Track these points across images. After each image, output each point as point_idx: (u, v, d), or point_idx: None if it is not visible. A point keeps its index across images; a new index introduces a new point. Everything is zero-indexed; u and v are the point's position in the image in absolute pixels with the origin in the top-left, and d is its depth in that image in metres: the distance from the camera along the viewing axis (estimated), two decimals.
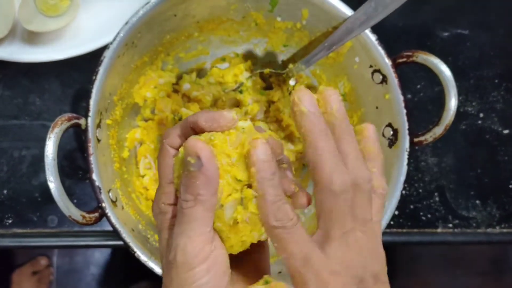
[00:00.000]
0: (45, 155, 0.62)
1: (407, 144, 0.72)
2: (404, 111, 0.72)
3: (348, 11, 0.73)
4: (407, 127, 0.72)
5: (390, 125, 0.74)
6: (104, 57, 0.68)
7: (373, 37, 0.73)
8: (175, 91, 0.84)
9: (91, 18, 0.87)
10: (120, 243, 0.68)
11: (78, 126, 0.66)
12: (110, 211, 0.66)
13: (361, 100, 0.80)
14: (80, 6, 0.85)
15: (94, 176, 0.66)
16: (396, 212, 0.91)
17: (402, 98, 0.72)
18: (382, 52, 0.73)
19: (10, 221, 0.86)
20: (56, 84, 0.90)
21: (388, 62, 0.73)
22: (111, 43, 0.68)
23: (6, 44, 0.84)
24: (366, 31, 0.72)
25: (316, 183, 0.47)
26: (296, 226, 0.45)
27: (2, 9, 0.81)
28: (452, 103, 0.71)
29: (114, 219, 0.66)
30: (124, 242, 0.67)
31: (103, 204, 0.66)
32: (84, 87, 0.90)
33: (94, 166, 0.66)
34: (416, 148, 0.92)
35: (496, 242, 0.94)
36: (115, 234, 0.67)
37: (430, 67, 0.72)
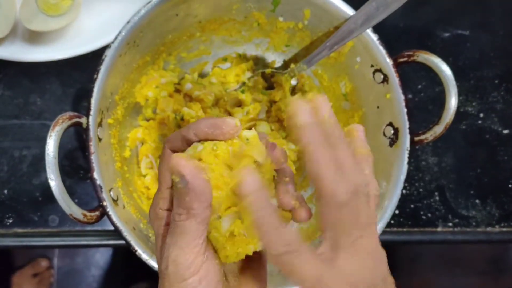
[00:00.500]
0: (46, 153, 0.62)
1: (407, 143, 0.72)
2: (405, 110, 0.72)
3: (349, 11, 0.73)
4: (407, 126, 0.72)
5: (391, 124, 0.74)
6: (105, 56, 0.68)
7: (374, 36, 0.73)
8: (177, 91, 0.84)
9: (93, 18, 0.87)
10: (121, 242, 0.68)
11: (79, 125, 0.66)
12: (111, 210, 0.66)
13: (362, 100, 0.80)
14: (81, 6, 0.85)
15: (95, 174, 0.66)
16: (397, 211, 0.91)
17: (403, 98, 0.72)
18: (383, 51, 0.73)
19: (11, 220, 0.86)
20: (56, 84, 0.90)
21: (389, 61, 0.73)
22: (112, 42, 0.68)
23: (7, 43, 0.84)
24: (368, 31, 0.72)
25: (319, 196, 0.46)
26: (302, 247, 0.44)
27: (3, 8, 0.81)
28: (453, 102, 0.72)
29: (115, 218, 0.66)
30: (125, 241, 0.67)
31: (104, 203, 0.66)
32: (85, 87, 0.90)
33: (95, 165, 0.66)
34: (417, 147, 0.93)
35: (495, 241, 0.94)
36: (116, 233, 0.66)
37: (430, 66, 0.72)
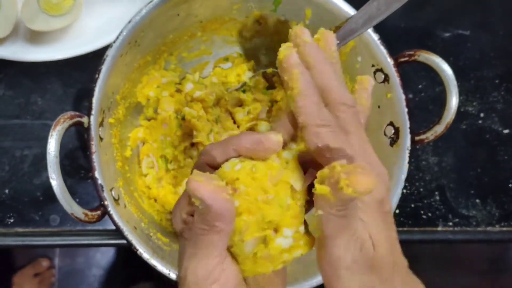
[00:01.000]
0: (47, 153, 0.62)
1: (408, 143, 0.72)
2: (406, 110, 0.72)
3: (351, 11, 0.73)
4: (408, 126, 0.72)
5: (391, 124, 0.74)
6: (107, 55, 0.68)
7: (375, 36, 0.73)
8: (178, 91, 0.84)
9: (94, 18, 0.87)
10: (122, 241, 0.68)
11: (81, 124, 0.66)
12: (112, 209, 0.66)
13: None
14: (83, 6, 0.85)
15: (97, 174, 0.66)
16: (397, 211, 0.92)
17: (403, 97, 0.72)
18: (384, 51, 0.73)
19: (12, 220, 0.86)
20: (57, 84, 0.90)
21: (390, 61, 0.73)
22: (114, 41, 0.68)
23: (8, 43, 0.84)
24: (369, 30, 0.72)
25: (302, 125, 0.47)
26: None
27: (5, 8, 0.81)
28: (453, 102, 0.72)
29: (116, 217, 0.66)
30: (126, 240, 0.67)
31: (106, 202, 0.66)
32: (86, 87, 0.90)
33: (96, 164, 0.66)
34: (417, 147, 0.93)
35: (495, 241, 0.94)
36: (117, 232, 0.66)
37: (431, 66, 0.72)
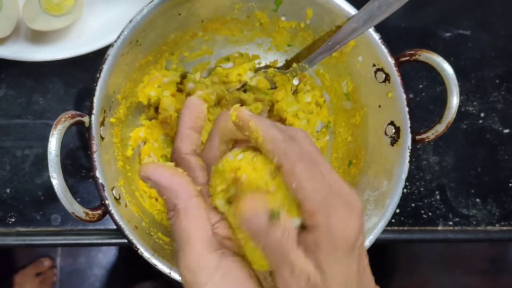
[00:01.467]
0: (48, 152, 0.62)
1: (409, 142, 0.72)
2: (406, 109, 0.72)
3: (352, 10, 0.73)
4: (409, 125, 0.72)
5: (392, 123, 0.75)
6: (108, 55, 0.68)
7: (376, 36, 0.73)
8: (179, 90, 0.85)
9: (95, 18, 0.87)
10: (123, 241, 0.68)
11: (82, 123, 0.66)
12: (113, 209, 0.66)
13: (364, 99, 0.81)
14: (84, 6, 0.85)
15: (98, 173, 0.66)
16: (397, 210, 0.92)
17: (404, 97, 0.73)
18: (385, 51, 0.73)
19: (13, 220, 0.86)
20: (59, 84, 0.90)
21: (391, 60, 0.73)
22: (115, 41, 0.68)
23: (9, 43, 0.84)
24: (370, 30, 0.72)
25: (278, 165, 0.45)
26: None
27: (6, 8, 0.82)
28: (454, 101, 0.72)
29: (117, 216, 0.66)
30: (127, 239, 0.67)
31: (107, 201, 0.66)
32: (87, 87, 0.90)
33: (97, 164, 0.66)
34: (418, 147, 0.93)
35: (495, 240, 0.94)
36: (118, 232, 0.67)
37: (432, 65, 0.72)
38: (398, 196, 0.72)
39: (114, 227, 0.67)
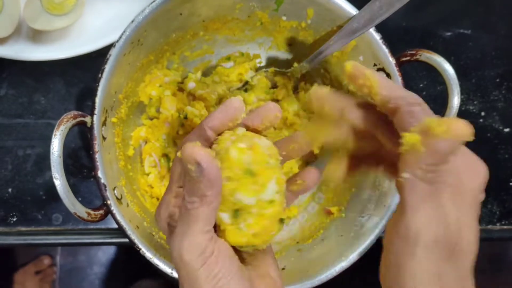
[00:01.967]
0: (50, 152, 0.63)
1: None
2: None
3: (352, 10, 0.73)
4: None
5: None
6: (110, 55, 0.68)
7: (377, 36, 0.73)
8: (180, 90, 0.85)
9: (97, 17, 0.87)
10: (125, 240, 0.68)
11: (84, 124, 0.66)
12: (115, 208, 0.67)
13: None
14: (85, 5, 0.85)
15: (100, 173, 0.66)
16: None
17: None
18: (386, 50, 0.73)
19: (15, 219, 0.86)
20: (60, 83, 0.90)
21: (392, 60, 0.73)
22: (117, 41, 0.68)
23: (11, 42, 0.84)
24: (371, 30, 0.73)
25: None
26: None
27: (7, 7, 0.82)
28: (455, 101, 0.72)
29: (119, 216, 0.66)
30: (129, 239, 0.67)
31: (109, 201, 0.66)
32: (88, 86, 0.90)
33: (99, 164, 0.66)
34: None
35: (496, 239, 0.94)
36: (119, 231, 0.67)
37: (433, 65, 0.72)
38: (398, 196, 0.72)
39: (116, 226, 0.67)
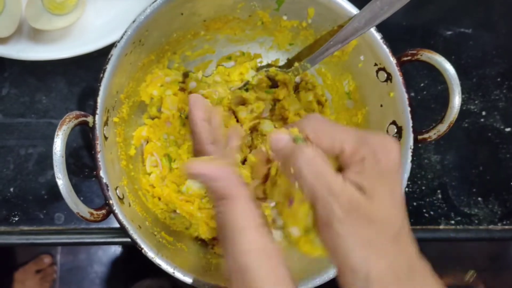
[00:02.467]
0: (53, 152, 0.63)
1: (411, 142, 0.73)
2: (408, 109, 0.73)
3: (353, 10, 0.73)
4: (411, 125, 0.72)
5: (394, 122, 0.75)
6: (111, 55, 0.68)
7: (378, 35, 0.73)
8: (182, 90, 0.85)
9: (98, 17, 0.87)
10: (127, 240, 0.68)
11: (86, 123, 0.67)
12: (117, 208, 0.67)
13: (365, 98, 0.81)
14: (86, 5, 0.86)
15: (102, 173, 0.66)
16: None
17: (406, 96, 0.73)
18: (387, 50, 0.73)
19: (17, 218, 0.86)
20: (62, 83, 0.90)
21: (392, 60, 0.73)
22: (118, 41, 0.69)
23: (12, 42, 0.84)
24: (371, 29, 0.73)
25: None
26: None
27: (9, 7, 0.82)
28: (456, 101, 0.72)
29: (121, 216, 0.67)
30: (131, 239, 0.67)
31: (111, 201, 0.66)
32: (90, 86, 0.90)
33: (101, 164, 0.66)
34: (419, 146, 0.93)
35: (497, 239, 0.94)
36: (121, 231, 0.67)
37: (434, 65, 0.72)
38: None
39: (117, 226, 0.67)
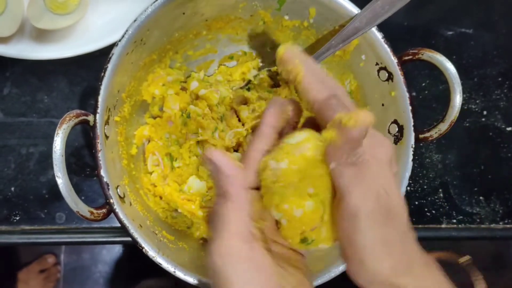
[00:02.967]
0: (53, 151, 0.63)
1: (412, 141, 0.73)
2: (410, 108, 0.73)
3: (354, 10, 0.73)
4: (412, 124, 0.73)
5: (395, 122, 0.75)
6: (112, 54, 0.68)
7: (379, 35, 0.73)
8: (183, 89, 0.85)
9: (100, 16, 0.87)
10: (128, 239, 0.69)
11: (86, 122, 0.67)
12: (118, 207, 0.67)
13: (367, 98, 0.81)
14: (88, 4, 0.86)
15: (102, 172, 0.66)
16: None
17: (407, 95, 0.73)
18: (388, 49, 0.73)
19: (18, 218, 0.86)
20: (64, 82, 0.90)
21: (394, 59, 0.73)
22: (119, 40, 0.69)
23: (14, 41, 0.84)
24: (373, 29, 0.73)
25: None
26: None
27: (11, 6, 0.82)
28: (457, 100, 0.72)
29: (122, 215, 0.67)
30: (132, 238, 0.67)
31: (111, 200, 0.66)
32: (92, 85, 0.90)
33: (102, 163, 0.66)
34: (421, 145, 0.93)
35: (499, 238, 0.95)
36: (123, 230, 0.67)
37: (435, 64, 0.73)
38: (401, 194, 0.73)
39: (119, 225, 0.67)
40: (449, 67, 0.72)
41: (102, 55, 0.78)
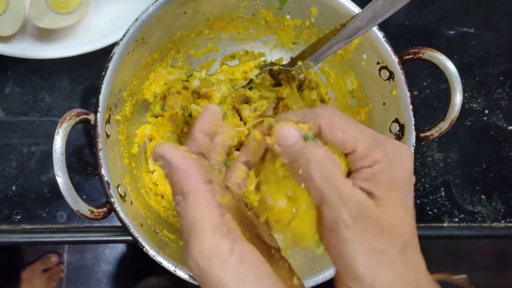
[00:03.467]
0: (53, 150, 0.62)
1: (413, 140, 0.73)
2: (411, 107, 0.73)
3: (356, 9, 0.73)
4: (413, 123, 0.73)
5: (396, 120, 0.75)
6: (114, 53, 0.68)
7: (380, 34, 0.73)
8: (185, 88, 0.85)
9: (102, 16, 0.88)
10: (129, 238, 0.69)
11: (87, 121, 0.67)
12: (118, 206, 0.67)
13: (368, 97, 0.81)
14: (90, 4, 0.86)
15: (103, 171, 0.66)
16: None
17: (408, 94, 0.73)
18: (389, 49, 0.73)
19: (19, 217, 0.86)
20: (66, 81, 0.90)
21: (395, 58, 0.73)
22: (121, 39, 0.69)
23: (16, 41, 0.85)
24: (374, 28, 0.73)
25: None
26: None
27: (13, 6, 0.82)
28: (458, 99, 0.72)
29: (122, 214, 0.67)
30: (132, 237, 0.67)
31: (112, 199, 0.66)
32: (94, 84, 0.90)
33: (103, 161, 0.66)
34: (423, 143, 0.93)
35: (501, 236, 0.94)
36: (124, 229, 0.67)
37: (436, 63, 0.73)
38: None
39: (120, 224, 0.67)
40: (449, 66, 0.72)
41: (104, 54, 0.78)
